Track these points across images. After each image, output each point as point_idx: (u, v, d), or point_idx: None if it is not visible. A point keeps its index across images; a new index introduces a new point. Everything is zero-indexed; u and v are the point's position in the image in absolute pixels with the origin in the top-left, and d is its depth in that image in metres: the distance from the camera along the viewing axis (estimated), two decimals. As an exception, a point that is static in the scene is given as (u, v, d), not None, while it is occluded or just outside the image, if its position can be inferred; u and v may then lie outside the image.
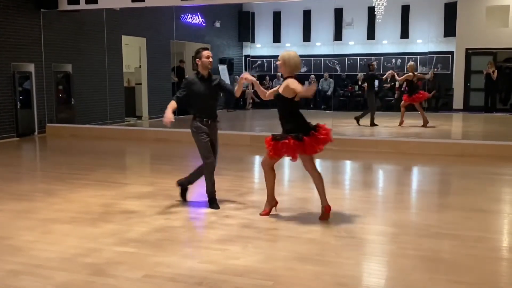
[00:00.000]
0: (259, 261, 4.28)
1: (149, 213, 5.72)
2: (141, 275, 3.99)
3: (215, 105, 6.00)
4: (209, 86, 5.84)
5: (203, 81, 5.84)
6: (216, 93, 5.96)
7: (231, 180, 7.11)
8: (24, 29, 12.32)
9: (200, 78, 5.85)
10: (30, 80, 12.58)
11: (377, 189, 7.38)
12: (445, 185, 8.07)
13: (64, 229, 5.18)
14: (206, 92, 5.82)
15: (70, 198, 6.44)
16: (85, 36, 13.74)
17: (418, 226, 5.37)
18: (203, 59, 5.78)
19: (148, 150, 11.32)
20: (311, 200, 6.56)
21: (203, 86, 5.82)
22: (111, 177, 7.78)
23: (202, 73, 5.84)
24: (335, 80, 18.83)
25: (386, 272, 4.24)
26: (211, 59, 5.82)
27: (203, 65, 5.80)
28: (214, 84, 5.88)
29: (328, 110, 17.20)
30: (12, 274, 4.03)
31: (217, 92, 5.98)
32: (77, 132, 12.96)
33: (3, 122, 11.93)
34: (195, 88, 5.82)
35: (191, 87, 5.84)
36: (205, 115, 5.82)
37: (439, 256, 4.43)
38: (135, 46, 16.39)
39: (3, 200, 6.34)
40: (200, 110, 5.84)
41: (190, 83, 5.87)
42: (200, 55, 5.80)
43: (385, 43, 19.10)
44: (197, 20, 17.90)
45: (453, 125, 15.79)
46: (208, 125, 5.84)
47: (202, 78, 5.84)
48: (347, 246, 4.68)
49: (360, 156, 9.90)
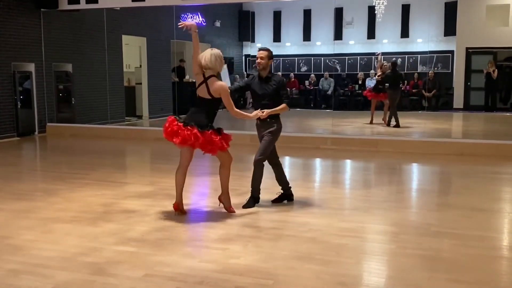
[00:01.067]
0: (259, 260, 4.28)
1: (149, 213, 5.73)
2: (142, 274, 4.00)
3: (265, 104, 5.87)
4: (264, 87, 5.87)
5: (260, 80, 5.92)
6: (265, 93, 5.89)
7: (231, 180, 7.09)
8: (24, 29, 12.33)
9: (259, 78, 5.94)
10: (31, 80, 12.58)
11: (377, 188, 7.39)
12: (445, 184, 8.07)
13: (65, 229, 5.18)
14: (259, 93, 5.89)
15: (70, 198, 6.45)
16: (85, 36, 13.74)
17: (418, 225, 5.37)
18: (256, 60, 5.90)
19: (149, 149, 11.33)
20: (311, 199, 6.57)
21: (258, 86, 5.89)
22: (111, 177, 7.78)
23: (261, 73, 5.93)
24: (335, 79, 18.83)
25: (386, 271, 4.25)
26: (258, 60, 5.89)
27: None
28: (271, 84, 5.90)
29: (329, 109, 17.20)
30: (12, 273, 4.04)
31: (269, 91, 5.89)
32: (77, 131, 12.96)
33: (4, 121, 11.93)
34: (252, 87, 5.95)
35: (250, 85, 5.96)
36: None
37: (439, 255, 4.44)
38: (135, 45, 16.39)
39: (4, 200, 6.35)
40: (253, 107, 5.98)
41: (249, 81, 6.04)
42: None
43: (386, 42, 19.08)
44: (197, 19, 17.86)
45: (453, 124, 15.80)
46: (258, 125, 5.94)
47: (260, 78, 5.93)
48: (347, 245, 4.68)
49: (360, 155, 9.90)
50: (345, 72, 19.59)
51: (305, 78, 19.65)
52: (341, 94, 18.78)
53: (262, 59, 5.84)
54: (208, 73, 5.42)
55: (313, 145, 10.61)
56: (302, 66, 20.36)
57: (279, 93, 5.84)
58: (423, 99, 16.74)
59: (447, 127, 14.43)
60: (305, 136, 11.09)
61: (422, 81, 17.09)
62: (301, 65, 20.37)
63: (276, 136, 5.88)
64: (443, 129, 13.60)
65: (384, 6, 15.58)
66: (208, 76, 5.41)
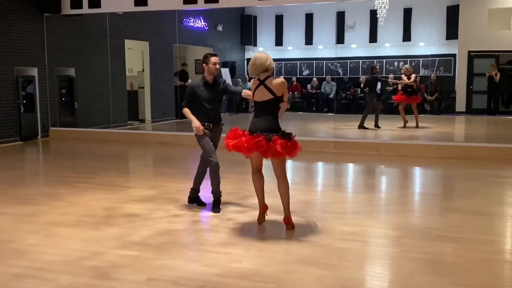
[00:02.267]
0: (261, 264, 4.28)
1: (152, 217, 5.73)
2: (144, 278, 4.00)
3: (218, 109, 6.04)
4: (214, 91, 5.88)
5: (207, 86, 5.88)
6: (220, 98, 6.01)
7: (233, 183, 7.11)
8: (27, 33, 12.37)
9: (204, 84, 5.89)
10: (34, 84, 12.62)
11: (380, 192, 7.38)
12: (447, 188, 8.07)
13: (68, 233, 5.19)
14: (210, 97, 5.86)
15: (73, 202, 6.46)
16: (88, 40, 13.78)
17: (420, 229, 5.37)
18: (210, 65, 5.81)
19: (151, 153, 11.34)
20: (313, 203, 6.58)
21: (206, 92, 5.85)
22: (114, 181, 7.80)
23: (207, 78, 5.88)
24: (337, 83, 18.85)
25: (389, 275, 4.24)
26: (217, 66, 5.85)
27: (209, 70, 5.83)
28: (220, 89, 5.92)
29: (331, 113, 17.20)
30: (15, 277, 4.05)
31: (222, 96, 6.02)
32: (80, 135, 12.99)
33: (7, 126, 11.96)
34: (199, 93, 5.85)
35: (195, 93, 5.87)
36: (208, 119, 5.86)
37: (442, 259, 4.43)
38: (138, 49, 16.42)
39: (7, 204, 6.36)
40: (203, 114, 5.87)
41: (194, 88, 5.92)
42: (207, 60, 5.84)
43: (387, 46, 19.10)
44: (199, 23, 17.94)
45: (455, 127, 15.78)
46: (211, 129, 5.89)
47: (206, 83, 5.88)
48: (349, 249, 4.68)
49: (362, 159, 9.90)
50: (347, 76, 19.60)
51: (307, 82, 19.66)
52: (343, 97, 18.79)
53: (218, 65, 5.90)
54: (264, 75, 5.25)
55: (315, 148, 10.61)
56: (304, 70, 20.39)
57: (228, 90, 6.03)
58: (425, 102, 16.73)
59: (449, 131, 14.41)
60: (308, 140, 11.06)
61: (424, 84, 17.08)
62: (303, 68, 20.40)
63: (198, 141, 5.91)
64: (445, 133, 13.58)
65: (386, 10, 15.59)
66: (265, 77, 5.24)
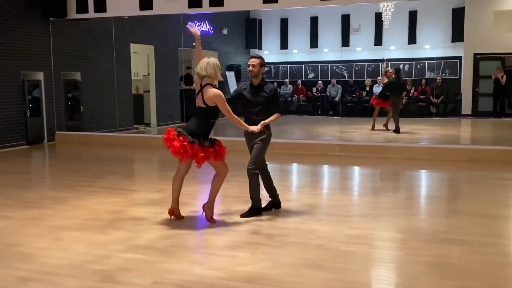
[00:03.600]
0: (267, 268, 4.28)
1: (157, 220, 5.74)
2: (150, 281, 4.01)
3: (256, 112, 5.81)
4: (256, 94, 5.80)
5: (251, 88, 5.85)
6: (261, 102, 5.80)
7: (239, 187, 7.10)
8: (33, 38, 12.43)
9: (250, 86, 5.86)
10: (40, 88, 12.67)
11: (385, 195, 7.37)
12: (454, 190, 8.04)
13: (73, 236, 5.21)
14: (250, 100, 5.81)
15: (79, 205, 6.48)
16: (93, 44, 13.83)
17: (426, 232, 5.35)
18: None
19: (157, 157, 11.36)
20: (319, 206, 6.57)
21: (249, 94, 5.82)
22: (119, 184, 7.81)
23: (252, 81, 5.85)
24: (342, 86, 18.82)
25: (395, 278, 4.23)
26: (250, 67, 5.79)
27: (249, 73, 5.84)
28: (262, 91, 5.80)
29: (336, 116, 17.18)
30: (21, 281, 4.06)
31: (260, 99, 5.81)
32: (86, 139, 13.03)
33: (13, 130, 12.02)
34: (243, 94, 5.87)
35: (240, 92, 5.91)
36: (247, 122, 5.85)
37: (448, 262, 4.42)
38: (143, 53, 16.47)
39: (13, 208, 6.39)
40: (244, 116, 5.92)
41: (239, 88, 5.98)
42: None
43: (393, 49, 19.07)
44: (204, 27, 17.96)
45: (461, 130, 15.73)
46: (247, 133, 5.84)
47: (251, 85, 5.86)
48: (355, 253, 4.67)
49: (368, 162, 9.88)
50: (353, 79, 19.57)
51: (313, 85, 19.64)
52: (349, 100, 18.77)
53: (254, 67, 5.76)
54: (204, 82, 5.38)
55: (321, 151, 10.60)
56: (310, 73, 20.37)
57: (272, 102, 5.78)
58: (431, 105, 16.69)
59: (455, 133, 14.37)
60: (313, 143, 11.08)
61: (429, 87, 17.04)
62: (309, 72, 20.39)
63: (267, 144, 5.84)
64: (451, 135, 13.55)
65: (391, 12, 15.57)
66: (204, 84, 5.38)
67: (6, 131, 11.80)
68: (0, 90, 11.63)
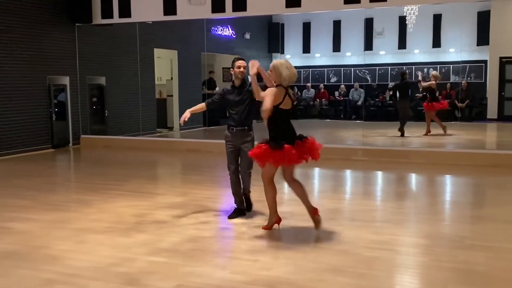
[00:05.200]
0: (290, 272, 4.27)
1: (180, 223, 5.78)
2: (173, 285, 4.03)
3: (243, 112, 5.91)
4: (239, 94, 5.94)
5: (234, 89, 5.99)
6: (244, 101, 5.91)
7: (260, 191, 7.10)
8: (59, 43, 12.64)
9: (232, 87, 6.02)
10: (65, 93, 12.88)
11: (409, 200, 7.29)
12: (479, 196, 7.92)
13: (98, 239, 5.27)
14: (235, 100, 5.93)
15: (103, 208, 6.55)
16: (118, 49, 14.01)
17: (451, 238, 5.28)
18: (234, 69, 5.94)
19: (180, 160, 11.44)
20: (342, 211, 6.53)
21: (233, 95, 5.96)
22: (143, 188, 7.89)
23: (235, 82, 5.99)
24: (365, 90, 18.72)
25: (419, 284, 4.19)
26: (242, 69, 5.93)
27: (234, 75, 5.96)
28: (245, 91, 5.92)
29: (359, 120, 17.08)
30: (47, 282, 4.12)
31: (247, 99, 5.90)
32: (110, 143, 13.18)
33: (39, 133, 12.23)
34: (227, 97, 6.00)
35: (225, 96, 6.03)
36: (232, 123, 5.95)
37: (473, 269, 4.35)
38: (166, 58, 16.62)
39: (39, 210, 6.49)
40: (228, 118, 6.01)
41: (224, 92, 6.08)
42: (233, 64, 5.97)
43: (417, 53, 18.91)
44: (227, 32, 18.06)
45: (487, 134, 15.50)
46: (233, 133, 5.91)
47: (234, 87, 6.01)
48: (379, 258, 4.63)
49: (392, 166, 9.79)
50: (376, 83, 19.46)
51: (335, 89, 19.58)
52: (372, 104, 18.65)
53: (244, 68, 5.94)
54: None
55: (343, 156, 10.55)
56: (332, 77, 20.31)
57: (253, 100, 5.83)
58: (456, 109, 16.49)
59: (481, 138, 14.16)
60: (336, 147, 11.02)
61: (454, 91, 16.84)
62: (331, 76, 20.33)
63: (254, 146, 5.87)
64: (477, 140, 13.36)
65: (415, 16, 15.44)
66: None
67: (32, 135, 12.02)
68: (27, 94, 11.85)
